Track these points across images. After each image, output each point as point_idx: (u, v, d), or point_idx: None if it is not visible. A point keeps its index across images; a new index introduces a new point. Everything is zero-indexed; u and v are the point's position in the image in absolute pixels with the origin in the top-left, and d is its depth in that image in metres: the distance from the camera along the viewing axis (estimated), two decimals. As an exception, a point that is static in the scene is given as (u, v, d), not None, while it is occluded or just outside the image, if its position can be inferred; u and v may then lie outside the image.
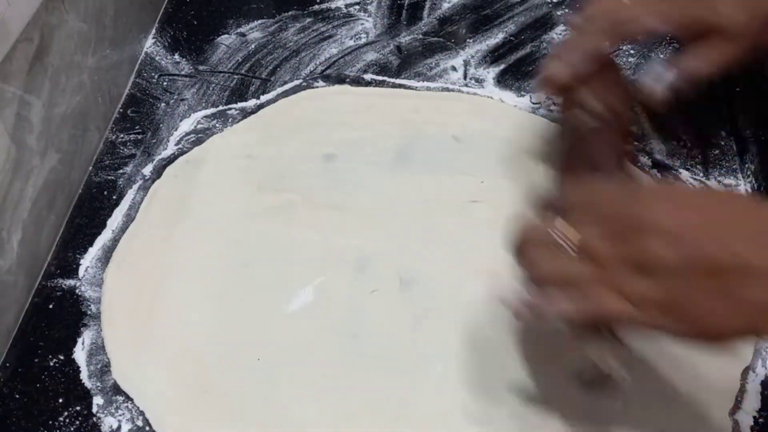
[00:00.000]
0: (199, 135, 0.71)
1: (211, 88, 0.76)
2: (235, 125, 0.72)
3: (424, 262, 0.60)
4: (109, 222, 0.65)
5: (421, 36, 0.81)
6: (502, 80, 0.76)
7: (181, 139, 0.71)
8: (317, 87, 0.75)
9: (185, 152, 0.70)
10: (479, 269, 0.60)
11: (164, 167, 0.69)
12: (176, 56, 0.80)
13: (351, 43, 0.80)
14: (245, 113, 0.73)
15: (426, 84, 0.75)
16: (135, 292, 0.60)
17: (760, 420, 0.52)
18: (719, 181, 0.66)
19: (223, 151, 0.70)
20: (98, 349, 0.57)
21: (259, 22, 0.83)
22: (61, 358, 0.57)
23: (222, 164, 0.68)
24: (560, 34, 0.80)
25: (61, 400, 0.54)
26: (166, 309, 0.59)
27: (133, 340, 0.57)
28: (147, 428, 0.53)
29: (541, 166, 0.66)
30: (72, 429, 0.53)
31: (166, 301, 0.59)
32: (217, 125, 0.72)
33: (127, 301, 0.59)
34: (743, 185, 0.66)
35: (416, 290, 0.59)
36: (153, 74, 0.78)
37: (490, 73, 0.76)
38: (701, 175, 0.66)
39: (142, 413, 0.53)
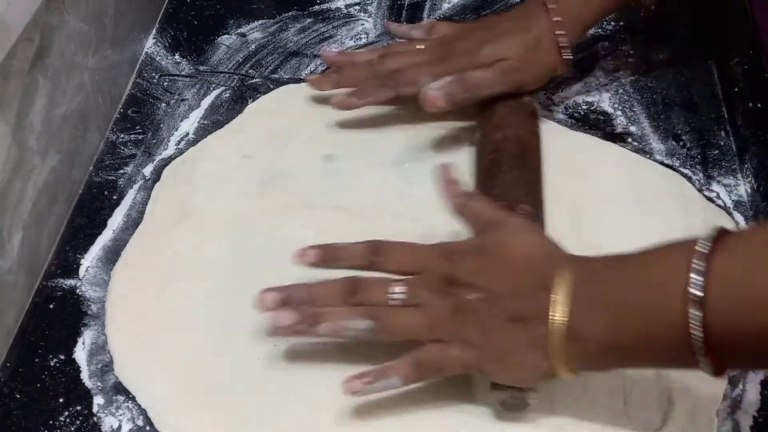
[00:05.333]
0: (199, 135, 0.72)
1: (211, 89, 0.76)
2: (227, 124, 0.72)
3: (424, 262, 0.60)
4: (109, 222, 0.65)
5: (421, 36, 0.81)
6: (502, 80, 0.76)
7: (181, 139, 0.72)
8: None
9: (184, 152, 0.70)
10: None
11: (164, 167, 0.69)
12: (176, 56, 0.80)
13: (351, 43, 0.80)
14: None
15: (426, 84, 0.75)
16: (139, 291, 0.60)
17: (760, 420, 0.52)
18: (719, 181, 0.66)
19: (218, 150, 0.70)
20: (99, 348, 0.57)
21: (260, 22, 0.83)
22: (62, 357, 0.57)
23: (219, 164, 0.69)
24: (560, 34, 0.80)
25: (61, 400, 0.54)
26: (169, 308, 0.59)
27: (136, 339, 0.57)
28: (147, 428, 0.53)
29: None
30: (72, 429, 0.53)
31: (169, 301, 0.59)
32: (217, 126, 0.72)
33: (131, 300, 0.59)
34: (743, 185, 0.66)
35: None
36: (153, 74, 0.78)
37: (490, 73, 0.76)
38: (701, 175, 0.66)
39: (142, 413, 0.53)
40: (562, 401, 0.52)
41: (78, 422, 0.53)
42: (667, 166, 0.67)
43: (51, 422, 0.53)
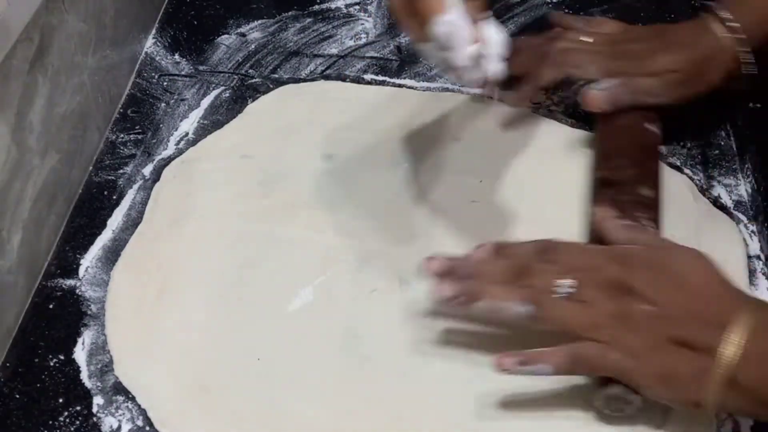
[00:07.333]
0: (199, 135, 0.72)
1: (211, 88, 0.76)
2: (227, 124, 0.72)
3: (424, 262, 0.61)
4: (109, 222, 0.65)
5: (421, 36, 0.81)
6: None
7: (181, 139, 0.72)
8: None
9: (184, 152, 0.70)
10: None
11: (164, 167, 0.69)
12: (176, 56, 0.80)
13: (351, 43, 0.80)
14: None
15: (426, 84, 0.75)
16: (139, 290, 0.60)
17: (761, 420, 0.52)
18: (719, 181, 0.66)
19: (218, 150, 0.70)
20: (98, 348, 0.57)
21: (259, 22, 0.83)
22: (61, 358, 0.57)
23: (218, 164, 0.69)
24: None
25: (61, 400, 0.54)
26: (169, 308, 0.59)
27: (136, 338, 0.57)
28: (147, 428, 0.53)
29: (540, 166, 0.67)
30: (72, 429, 0.53)
31: (169, 301, 0.59)
32: (217, 126, 0.72)
33: (131, 300, 0.59)
34: (743, 185, 0.66)
35: (416, 290, 0.59)
36: (153, 74, 0.78)
37: (490, 73, 0.76)
38: (701, 174, 0.66)
39: (142, 413, 0.53)
40: (561, 401, 0.52)
41: (78, 422, 0.53)
42: (668, 165, 0.67)
43: (51, 422, 0.53)
